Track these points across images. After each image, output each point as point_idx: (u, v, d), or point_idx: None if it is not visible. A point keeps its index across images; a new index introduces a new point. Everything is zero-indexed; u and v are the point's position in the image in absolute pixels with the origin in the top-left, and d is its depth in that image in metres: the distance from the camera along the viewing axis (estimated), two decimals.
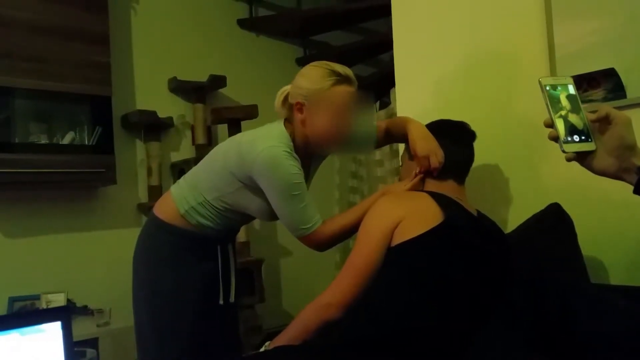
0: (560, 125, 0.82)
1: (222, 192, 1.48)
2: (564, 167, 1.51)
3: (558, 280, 1.27)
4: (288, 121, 1.48)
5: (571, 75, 1.48)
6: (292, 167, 1.38)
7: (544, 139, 1.56)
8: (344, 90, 1.42)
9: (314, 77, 1.42)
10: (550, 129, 0.83)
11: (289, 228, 1.43)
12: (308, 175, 1.58)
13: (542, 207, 1.45)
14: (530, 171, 1.63)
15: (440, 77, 1.88)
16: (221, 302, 1.61)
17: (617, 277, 1.44)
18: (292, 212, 1.40)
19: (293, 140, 1.45)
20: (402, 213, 1.23)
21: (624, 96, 1.42)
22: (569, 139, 0.81)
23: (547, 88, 0.84)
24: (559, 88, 0.85)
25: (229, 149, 1.50)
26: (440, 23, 1.88)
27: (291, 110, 1.45)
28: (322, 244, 1.46)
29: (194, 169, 1.60)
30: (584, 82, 1.46)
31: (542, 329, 1.20)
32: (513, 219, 1.61)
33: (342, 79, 1.42)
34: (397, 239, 1.21)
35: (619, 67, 1.43)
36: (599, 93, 1.45)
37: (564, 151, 0.81)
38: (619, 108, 1.37)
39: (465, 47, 1.80)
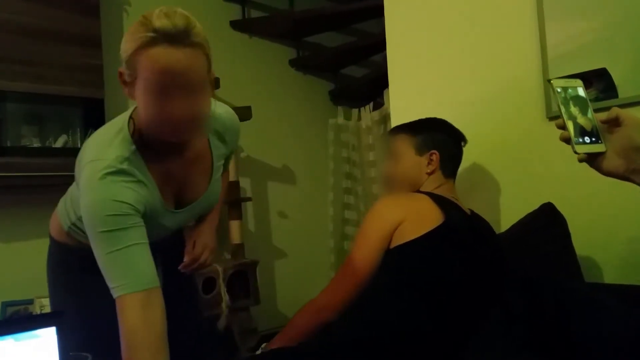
0: (571, 127, 0.82)
1: None
2: (557, 167, 1.53)
3: (551, 280, 1.28)
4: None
5: (563, 75, 1.51)
6: (114, 193, 1.00)
7: (537, 139, 1.59)
8: (159, 53, 0.93)
9: (128, 33, 0.99)
10: (562, 131, 0.83)
11: None
12: (212, 167, 1.23)
13: (536, 207, 1.46)
14: (523, 171, 1.64)
15: (433, 78, 1.88)
16: None
17: (610, 276, 1.45)
18: (99, 258, 1.00)
19: (139, 134, 1.06)
20: (402, 215, 1.23)
21: (615, 96, 1.43)
22: (580, 140, 0.82)
23: (559, 90, 0.85)
24: (570, 90, 0.86)
25: (78, 156, 1.15)
26: (433, 24, 1.89)
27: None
28: (121, 327, 0.98)
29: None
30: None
31: (537, 330, 1.20)
32: (506, 219, 1.62)
33: (157, 37, 0.93)
34: (397, 241, 1.21)
35: (610, 67, 1.44)
36: (591, 93, 1.46)
37: (576, 152, 0.82)
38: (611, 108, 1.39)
39: (459, 48, 1.80)
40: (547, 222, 1.43)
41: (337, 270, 1.29)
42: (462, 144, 1.47)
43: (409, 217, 1.23)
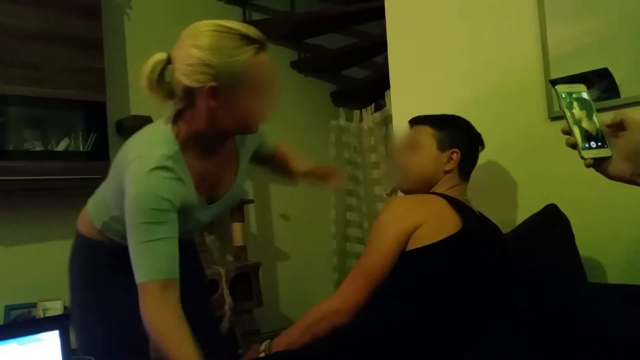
0: (577, 132, 0.82)
1: (121, 210, 1.17)
2: (560, 168, 1.53)
3: (555, 281, 1.27)
4: (182, 112, 1.18)
5: (565, 75, 1.51)
6: (159, 188, 1.10)
7: (539, 139, 1.58)
8: (265, 58, 1.13)
9: (224, 47, 1.09)
10: (568, 136, 0.83)
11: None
12: (238, 163, 1.33)
13: (539, 207, 1.46)
14: (526, 173, 1.63)
15: (435, 79, 1.88)
16: None
17: (614, 276, 1.45)
18: (132, 245, 1.10)
19: (189, 136, 1.17)
20: (421, 218, 1.21)
21: (617, 96, 1.42)
22: (587, 145, 0.82)
23: (564, 95, 0.85)
24: (574, 95, 0.86)
25: (117, 157, 1.24)
26: (434, 25, 1.88)
27: (189, 95, 1.13)
28: (142, 310, 1.09)
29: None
30: (576, 82, 1.47)
31: (542, 331, 1.20)
32: (510, 220, 1.61)
33: (261, 46, 1.12)
34: (414, 244, 1.19)
35: (612, 67, 1.43)
36: (592, 93, 1.45)
37: (582, 157, 0.81)
38: (613, 108, 1.38)
39: (460, 49, 1.80)
40: (550, 223, 1.42)
41: (351, 271, 1.25)
42: (480, 148, 1.47)
43: (428, 220, 1.20)
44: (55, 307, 2.38)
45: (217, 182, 1.28)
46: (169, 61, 1.14)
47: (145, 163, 1.10)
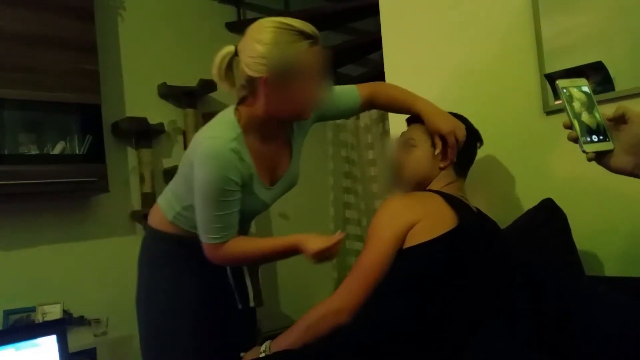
0: (578, 126, 0.82)
1: (192, 195, 1.36)
2: (556, 162, 1.53)
3: (553, 276, 1.27)
4: (244, 100, 1.33)
5: (560, 69, 1.51)
6: (227, 169, 1.26)
7: (535, 133, 1.58)
8: (318, 51, 1.27)
9: (282, 41, 1.22)
10: (569, 130, 0.83)
11: (198, 228, 1.36)
12: (291, 148, 1.47)
13: (536, 202, 1.46)
14: (522, 168, 1.63)
15: (430, 75, 1.88)
16: (240, 306, 1.59)
17: (611, 269, 1.45)
18: (203, 215, 1.31)
19: (250, 121, 1.31)
20: (417, 215, 1.20)
21: (612, 89, 1.42)
22: (588, 139, 0.82)
23: (564, 90, 0.85)
24: (575, 89, 0.85)
25: (187, 149, 1.40)
26: (428, 21, 1.88)
27: (251, 84, 1.28)
28: (215, 259, 1.36)
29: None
30: (572, 75, 1.47)
31: (540, 327, 1.20)
32: (507, 216, 1.61)
33: (315, 41, 1.26)
34: (410, 242, 1.19)
35: (606, 60, 1.43)
36: None
37: (584, 151, 0.81)
38: (608, 101, 1.39)
39: (454, 44, 1.80)
40: (547, 217, 1.42)
41: (350, 271, 1.25)
42: (478, 144, 1.46)
43: (424, 218, 1.20)
44: (54, 311, 2.38)
45: (275, 165, 1.43)
46: (235, 53, 1.28)
47: (216, 144, 1.26)
